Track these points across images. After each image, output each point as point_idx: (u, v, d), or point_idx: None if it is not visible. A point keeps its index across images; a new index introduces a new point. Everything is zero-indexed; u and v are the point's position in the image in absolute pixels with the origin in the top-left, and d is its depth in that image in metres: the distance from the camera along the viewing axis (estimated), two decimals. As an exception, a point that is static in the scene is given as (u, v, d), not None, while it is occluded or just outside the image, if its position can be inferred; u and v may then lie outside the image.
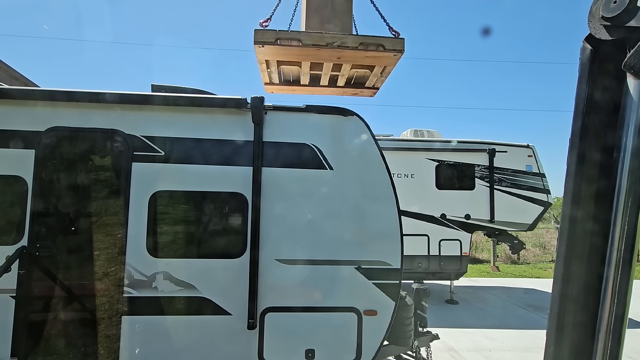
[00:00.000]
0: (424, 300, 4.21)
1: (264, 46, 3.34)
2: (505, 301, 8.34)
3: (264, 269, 2.85)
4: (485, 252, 14.24)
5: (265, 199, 2.89)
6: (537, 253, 14.91)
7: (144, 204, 2.81)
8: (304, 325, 2.90)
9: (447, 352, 5.38)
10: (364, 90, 4.22)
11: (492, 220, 7.88)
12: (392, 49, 3.40)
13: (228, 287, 2.85)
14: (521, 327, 6.52)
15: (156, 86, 3.40)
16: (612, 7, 0.86)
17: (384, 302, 2.96)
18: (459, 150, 8.05)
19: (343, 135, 3.04)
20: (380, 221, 3.01)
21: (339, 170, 2.98)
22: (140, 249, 2.79)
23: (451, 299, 8.15)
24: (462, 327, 6.45)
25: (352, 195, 3.00)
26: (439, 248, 7.87)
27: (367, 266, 2.94)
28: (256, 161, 2.88)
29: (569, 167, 0.97)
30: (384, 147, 7.33)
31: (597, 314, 0.91)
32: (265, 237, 2.87)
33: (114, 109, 2.88)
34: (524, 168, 8.03)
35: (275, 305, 2.86)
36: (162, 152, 2.88)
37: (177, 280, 2.80)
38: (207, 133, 2.94)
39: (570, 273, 0.96)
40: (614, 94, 0.90)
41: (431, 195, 7.89)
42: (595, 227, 0.94)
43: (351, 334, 2.91)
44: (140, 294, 2.77)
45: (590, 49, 0.93)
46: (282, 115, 3.01)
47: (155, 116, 2.94)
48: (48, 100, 2.83)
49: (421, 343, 4.18)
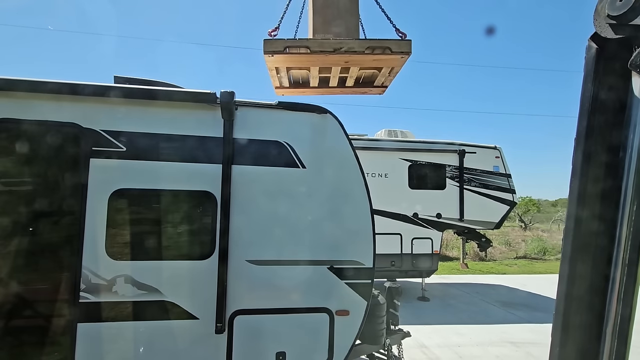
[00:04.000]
0: (396, 299, 4.25)
1: (273, 55, 3.37)
2: (473, 297, 8.63)
3: (234, 271, 2.75)
4: (455, 250, 14.70)
5: (236, 198, 2.79)
6: (503, 250, 15.57)
7: (103, 203, 2.63)
8: (275, 327, 2.82)
9: (419, 348, 5.47)
10: (372, 89, 4.27)
11: (461, 219, 8.13)
12: (399, 51, 3.44)
13: (195, 290, 2.72)
14: (488, 323, 6.77)
15: (119, 78, 3.20)
16: (618, 5, 0.85)
17: (356, 301, 2.94)
18: (431, 150, 8.24)
19: (316, 134, 2.99)
20: (353, 220, 2.98)
21: (311, 169, 2.93)
22: (99, 251, 2.61)
23: (423, 297, 8.33)
24: (433, 324, 6.59)
25: (325, 194, 2.96)
26: (412, 246, 8.02)
27: (339, 266, 2.91)
28: (226, 159, 2.77)
29: (574, 166, 0.95)
30: (359, 146, 7.38)
31: (603, 315, 0.90)
32: (235, 237, 2.77)
33: (70, 100, 2.67)
34: (492, 169, 8.35)
35: (245, 308, 2.76)
36: (124, 148, 2.70)
37: (139, 283, 2.64)
38: (173, 128, 2.80)
39: (575, 273, 0.95)
40: (620, 92, 0.90)
41: (404, 194, 8.02)
42: (600, 227, 0.92)
43: (323, 334, 2.87)
44: (98, 299, 2.59)
45: (596, 48, 0.92)
46: (253, 112, 2.92)
47: (116, 109, 2.76)
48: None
49: (393, 341, 4.22)
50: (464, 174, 8.19)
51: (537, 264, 13.95)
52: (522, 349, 5.56)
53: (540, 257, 15.17)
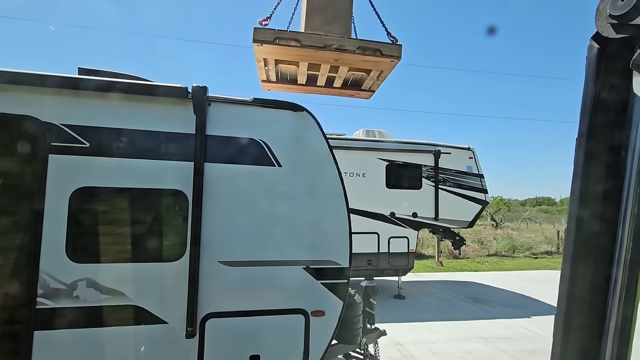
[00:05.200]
0: (372, 298, 4.26)
1: (262, 45, 3.28)
2: (447, 294, 8.84)
3: (205, 272, 2.65)
4: (430, 249, 15.04)
5: (208, 196, 2.69)
6: (475, 248, 16.08)
7: (64, 202, 2.46)
8: (249, 330, 2.75)
9: (394, 346, 5.53)
10: (360, 92, 4.25)
11: (436, 218, 8.31)
12: (389, 54, 3.44)
13: (164, 293, 2.60)
14: (461, 319, 6.94)
15: (83, 69, 3.02)
16: (619, 5, 0.85)
17: (332, 302, 2.91)
18: (408, 150, 8.36)
19: (292, 131, 2.93)
20: (329, 220, 2.95)
21: (287, 167, 2.87)
22: (59, 253, 2.44)
23: (399, 294, 8.45)
24: (409, 321, 6.70)
25: (301, 193, 2.91)
26: (388, 245, 8.12)
27: (315, 266, 2.87)
28: (198, 156, 2.66)
29: (576, 166, 0.95)
30: (337, 146, 7.36)
31: (605, 315, 0.90)
32: (207, 237, 2.67)
33: (26, 92, 2.48)
34: (465, 169, 8.58)
35: (217, 311, 2.67)
36: (87, 144, 2.54)
37: (103, 287, 2.49)
38: (142, 124, 2.66)
39: (577, 274, 0.94)
40: (622, 92, 0.89)
41: (381, 194, 8.11)
42: (602, 227, 0.92)
43: (298, 336, 2.82)
44: (57, 305, 2.42)
45: (598, 48, 0.91)
46: (227, 108, 2.83)
47: (80, 103, 2.59)
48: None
49: (369, 340, 4.23)
50: (439, 174, 8.37)
51: (506, 261, 14.50)
52: (492, 344, 5.74)
53: (510, 254, 15.77)
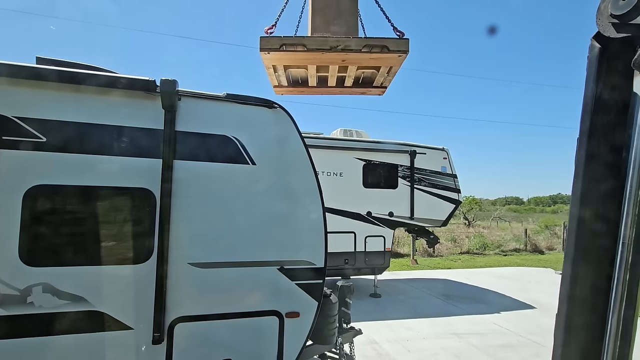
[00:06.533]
0: (348, 297, 4.25)
1: (269, 53, 3.26)
2: (422, 292, 9.01)
3: (174, 275, 2.53)
4: (405, 247, 15.30)
5: (177, 195, 2.57)
6: (449, 246, 16.52)
7: (17, 201, 2.28)
8: (220, 333, 2.65)
9: (370, 345, 5.56)
10: (371, 90, 4.21)
11: (412, 217, 8.45)
12: (397, 49, 3.41)
13: (129, 297, 2.47)
14: (435, 316, 7.09)
15: (42, 59, 2.81)
16: (620, 5, 0.85)
17: (307, 302, 2.87)
18: (385, 150, 8.45)
19: (267, 129, 2.86)
20: (304, 219, 2.91)
21: (261, 166, 2.80)
22: (11, 256, 2.25)
23: (375, 293, 8.52)
24: (384, 320, 6.76)
25: (275, 192, 2.84)
26: (365, 244, 8.17)
27: (290, 266, 2.81)
28: (167, 153, 2.54)
29: (577, 166, 0.94)
30: (315, 145, 7.31)
31: (606, 316, 0.89)
32: (177, 238, 2.55)
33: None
34: (440, 169, 8.77)
35: (186, 315, 2.56)
36: (44, 138, 2.36)
37: (61, 292, 2.33)
38: (106, 118, 2.50)
39: (578, 274, 0.94)
40: (623, 92, 0.89)
41: (358, 193, 8.14)
42: (603, 227, 0.92)
43: (272, 338, 2.76)
44: (9, 312, 2.24)
45: (599, 47, 0.91)
46: (199, 103, 2.72)
47: (35, 94, 2.40)
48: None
49: (345, 339, 4.21)
50: (414, 174, 8.51)
51: (478, 259, 14.99)
52: (464, 339, 5.89)
53: (481, 252, 16.32)
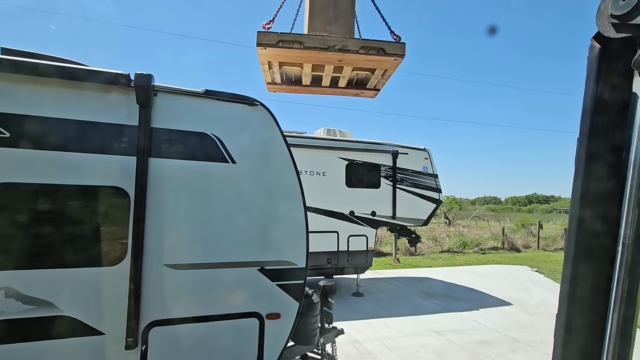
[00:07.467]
0: (331, 297, 4.22)
1: (266, 48, 3.22)
2: (404, 290, 9.11)
3: (149, 277, 2.44)
4: (388, 246, 15.46)
5: (153, 194, 2.48)
6: (430, 245, 16.80)
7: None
8: (198, 337, 2.57)
9: (352, 344, 5.57)
10: (365, 91, 4.20)
11: (394, 216, 8.53)
12: (393, 53, 3.42)
13: (100, 301, 2.35)
14: (416, 314, 7.18)
15: (8, 50, 2.65)
16: (621, 5, 0.85)
17: (288, 303, 2.82)
18: (368, 150, 8.49)
19: (247, 126, 2.79)
20: (285, 219, 2.86)
21: (241, 164, 2.73)
22: None
23: (357, 292, 8.55)
24: (366, 318, 6.79)
25: (256, 191, 2.78)
26: (348, 244, 8.19)
27: (270, 267, 2.76)
28: (141, 150, 2.44)
29: (577, 166, 0.94)
30: (298, 144, 7.25)
31: (606, 316, 0.89)
32: (152, 239, 2.46)
33: None
34: (421, 169, 8.89)
35: (162, 318, 2.47)
36: (7, 133, 2.22)
37: (25, 297, 2.19)
38: (76, 113, 2.38)
39: (578, 274, 0.94)
40: (623, 92, 0.89)
41: (341, 193, 8.15)
42: (603, 227, 0.92)
43: (252, 340, 2.70)
44: None
45: (599, 47, 0.91)
46: (176, 99, 2.62)
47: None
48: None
49: (327, 339, 4.19)
50: (396, 174, 8.59)
51: (458, 257, 15.32)
52: (444, 336, 5.99)
53: (461, 250, 16.68)
